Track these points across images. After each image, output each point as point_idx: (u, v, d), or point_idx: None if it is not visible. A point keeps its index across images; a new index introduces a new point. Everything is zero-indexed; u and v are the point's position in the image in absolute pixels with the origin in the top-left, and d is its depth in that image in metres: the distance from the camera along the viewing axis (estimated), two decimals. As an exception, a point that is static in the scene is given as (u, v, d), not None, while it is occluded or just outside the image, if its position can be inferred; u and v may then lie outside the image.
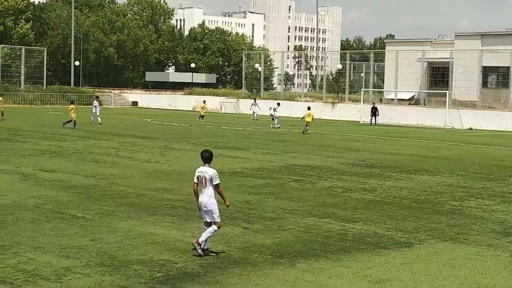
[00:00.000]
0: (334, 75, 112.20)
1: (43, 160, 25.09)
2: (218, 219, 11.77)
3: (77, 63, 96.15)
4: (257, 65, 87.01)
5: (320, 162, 27.17)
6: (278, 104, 53.63)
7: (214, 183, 11.74)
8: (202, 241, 11.58)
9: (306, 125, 44.57)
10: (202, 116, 55.83)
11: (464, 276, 10.93)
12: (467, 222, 15.47)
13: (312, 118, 45.43)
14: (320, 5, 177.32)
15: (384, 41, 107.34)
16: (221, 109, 79.29)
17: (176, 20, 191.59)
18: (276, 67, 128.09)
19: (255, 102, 63.71)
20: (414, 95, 72.02)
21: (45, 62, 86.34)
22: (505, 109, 60.51)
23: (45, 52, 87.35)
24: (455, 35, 73.20)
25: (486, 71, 66.56)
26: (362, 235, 13.75)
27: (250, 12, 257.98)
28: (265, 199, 17.82)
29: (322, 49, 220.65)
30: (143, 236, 13.01)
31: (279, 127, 48.34)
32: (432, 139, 43.35)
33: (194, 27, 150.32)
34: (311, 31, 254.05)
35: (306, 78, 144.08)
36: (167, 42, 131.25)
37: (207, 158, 12.04)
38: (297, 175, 22.81)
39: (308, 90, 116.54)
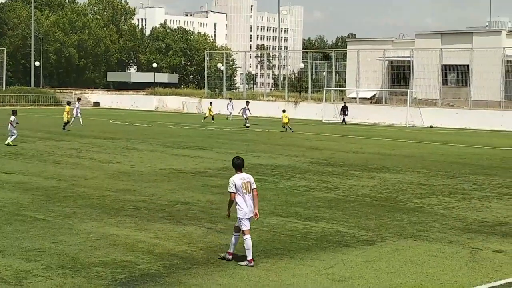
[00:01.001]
0: (296, 74, 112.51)
1: (2, 161, 24.79)
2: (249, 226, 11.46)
3: (37, 63, 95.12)
4: (219, 65, 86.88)
5: (282, 161, 27.24)
6: (247, 102, 53.52)
7: (253, 187, 11.51)
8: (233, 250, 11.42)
9: (284, 126, 45.52)
10: (212, 117, 55.49)
11: (426, 273, 11.03)
12: (428, 219, 15.63)
13: (288, 119, 46.18)
14: (282, 4, 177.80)
15: (346, 40, 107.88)
16: (183, 109, 79.04)
17: (138, 19, 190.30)
18: (239, 67, 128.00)
19: (230, 101, 63.08)
20: (375, 94, 72.58)
21: (4, 63, 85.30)
22: (465, 107, 61.23)
23: (4, 52, 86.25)
24: (416, 34, 73.89)
25: (446, 69, 67.28)
26: (325, 234, 13.81)
27: (212, 11, 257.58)
28: (228, 198, 17.75)
29: (284, 48, 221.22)
30: (105, 238, 12.91)
31: (248, 127, 48.37)
32: (394, 137, 43.72)
33: (155, 26, 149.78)
34: (273, 30, 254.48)
35: (268, 78, 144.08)
36: (129, 42, 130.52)
37: (240, 165, 11.77)
38: (260, 174, 22.80)
39: (271, 89, 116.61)
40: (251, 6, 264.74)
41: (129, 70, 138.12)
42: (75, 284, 9.98)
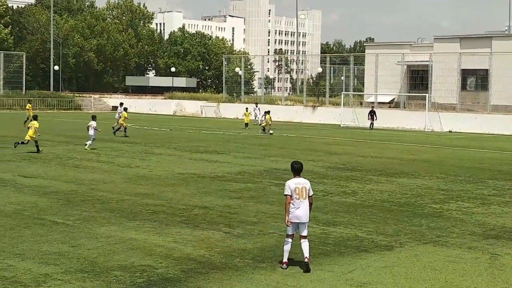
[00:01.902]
0: (314, 79, 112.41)
1: (22, 165, 24.93)
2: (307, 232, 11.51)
3: (56, 67, 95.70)
4: (237, 69, 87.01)
5: (301, 165, 27.15)
6: (256, 104, 53.20)
7: (310, 194, 11.39)
8: (309, 256, 11.30)
9: (264, 128, 47.31)
10: (247, 124, 54.50)
11: (445, 279, 10.97)
12: (447, 225, 15.54)
13: (271, 120, 48.17)
14: (300, 8, 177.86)
15: (364, 44, 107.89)
16: (201, 113, 79.19)
17: (156, 24, 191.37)
18: (257, 71, 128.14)
19: (256, 106, 62.41)
20: (394, 98, 72.33)
21: (24, 67, 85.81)
22: (484, 111, 60.90)
23: (24, 56, 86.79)
24: (434, 38, 73.61)
25: (465, 74, 66.96)
26: (343, 239, 13.77)
27: (230, 16, 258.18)
28: (246, 203, 17.81)
29: (302, 53, 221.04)
30: (124, 242, 12.95)
31: (260, 132, 48.15)
32: (412, 142, 43.54)
33: (174, 31, 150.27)
34: (291, 34, 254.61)
35: (286, 82, 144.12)
36: (147, 46, 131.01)
37: (299, 169, 11.51)
38: (277, 179, 22.80)
39: (289, 93, 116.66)
40: (269, 10, 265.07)
41: (148, 74, 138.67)
42: (94, 288, 10.02)
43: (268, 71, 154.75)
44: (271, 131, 46.77)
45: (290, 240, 11.37)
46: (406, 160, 30.82)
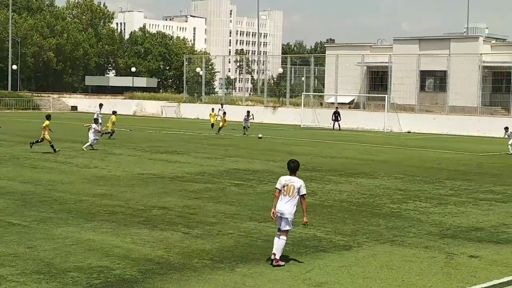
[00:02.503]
0: (275, 79, 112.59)
1: (-22, 166, 24.57)
2: (290, 228, 11.82)
3: (14, 67, 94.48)
4: (198, 69, 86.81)
5: (260, 166, 27.25)
6: (248, 112, 50.61)
7: (301, 194, 11.73)
8: (279, 256, 11.60)
9: (213, 124, 49.46)
10: (213, 125, 51.86)
11: (401, 278, 11.07)
12: (405, 225, 15.69)
13: (225, 121, 48.88)
14: (261, 9, 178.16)
15: (325, 45, 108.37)
16: (162, 114, 78.88)
17: (117, 23, 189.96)
18: (218, 71, 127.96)
19: (222, 107, 58.08)
20: (354, 99, 72.90)
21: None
22: (442, 112, 61.68)
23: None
24: (394, 39, 74.37)
25: (424, 75, 67.78)
26: (302, 239, 13.82)
27: (191, 16, 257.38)
28: (205, 203, 17.78)
29: (264, 53, 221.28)
30: (81, 243, 12.83)
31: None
32: (371, 142, 43.89)
33: (134, 30, 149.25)
34: (253, 35, 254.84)
35: (247, 82, 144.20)
36: (107, 46, 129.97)
37: (294, 168, 12.06)
38: (237, 179, 22.82)
39: (250, 94, 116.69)
40: (231, 10, 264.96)
41: (108, 74, 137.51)
42: (49, 290, 9.91)
43: (229, 71, 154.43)
44: (260, 135, 43.92)
45: (279, 234, 11.71)
46: (365, 161, 31.05)
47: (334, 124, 59.72)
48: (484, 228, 15.65)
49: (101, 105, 46.20)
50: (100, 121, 40.02)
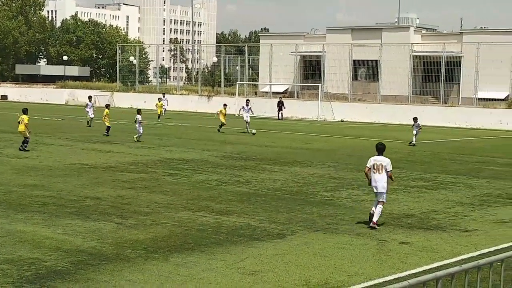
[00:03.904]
0: (209, 68, 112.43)
1: None
2: (385, 200, 14.38)
3: None
4: (131, 58, 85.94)
5: (195, 155, 27.19)
6: (247, 101, 47.46)
7: (387, 170, 14.13)
8: (377, 220, 14.10)
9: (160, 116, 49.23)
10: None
11: (334, 265, 11.22)
12: (338, 212, 15.89)
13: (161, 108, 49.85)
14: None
15: (259, 34, 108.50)
16: (95, 103, 77.74)
17: (48, 11, 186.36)
18: (152, 60, 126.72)
19: (164, 96, 57.29)
20: (288, 88, 73.25)
21: None
22: (374, 101, 62.53)
23: None
24: (327, 29, 74.93)
25: (356, 64, 68.61)
26: (236, 228, 13.86)
27: (124, 4, 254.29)
28: (139, 193, 17.65)
29: (198, 42, 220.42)
30: (11, 234, 12.60)
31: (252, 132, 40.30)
32: (306, 131, 44.24)
33: (66, 18, 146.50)
34: (187, 24, 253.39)
35: (182, 71, 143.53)
36: (38, 34, 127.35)
37: (381, 149, 14.46)
38: (172, 169, 22.73)
39: (184, 83, 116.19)
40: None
41: (39, 63, 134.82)
42: (-21, 283, 9.71)
43: (163, 60, 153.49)
44: (253, 131, 39.65)
45: (377, 203, 14.25)
46: (299, 149, 31.28)
47: (278, 114, 59.97)
48: (415, 215, 15.97)
49: (90, 98, 45.88)
50: (91, 112, 42.50)
